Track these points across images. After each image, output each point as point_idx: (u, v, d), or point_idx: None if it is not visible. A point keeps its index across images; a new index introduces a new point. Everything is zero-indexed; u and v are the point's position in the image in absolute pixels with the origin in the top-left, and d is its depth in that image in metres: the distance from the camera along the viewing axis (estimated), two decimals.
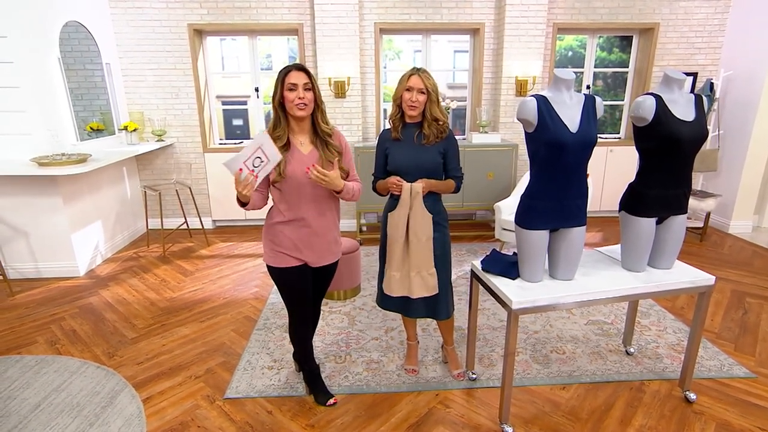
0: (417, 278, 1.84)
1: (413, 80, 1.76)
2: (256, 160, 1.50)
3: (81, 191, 3.38)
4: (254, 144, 1.49)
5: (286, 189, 1.63)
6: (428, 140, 1.81)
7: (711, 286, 1.77)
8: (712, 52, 4.30)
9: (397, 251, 1.84)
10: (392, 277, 1.86)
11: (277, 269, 1.74)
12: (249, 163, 1.49)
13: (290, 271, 1.74)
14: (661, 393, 1.98)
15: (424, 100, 1.77)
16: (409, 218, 1.80)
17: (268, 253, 1.75)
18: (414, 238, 1.81)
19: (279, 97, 1.59)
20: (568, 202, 1.66)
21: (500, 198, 3.83)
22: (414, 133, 1.84)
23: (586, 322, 2.59)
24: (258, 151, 1.49)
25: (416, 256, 1.82)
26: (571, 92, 1.63)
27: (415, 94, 1.76)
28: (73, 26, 3.45)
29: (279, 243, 1.72)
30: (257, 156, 1.49)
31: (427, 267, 1.84)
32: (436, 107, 1.79)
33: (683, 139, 1.64)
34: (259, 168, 1.52)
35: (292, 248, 1.72)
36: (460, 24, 4.13)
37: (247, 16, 4.02)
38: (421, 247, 1.82)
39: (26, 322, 2.66)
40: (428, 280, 1.85)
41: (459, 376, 2.08)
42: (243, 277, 3.29)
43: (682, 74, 1.70)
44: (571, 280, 1.73)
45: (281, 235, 1.71)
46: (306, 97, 1.58)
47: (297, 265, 1.74)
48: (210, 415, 1.86)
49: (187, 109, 4.21)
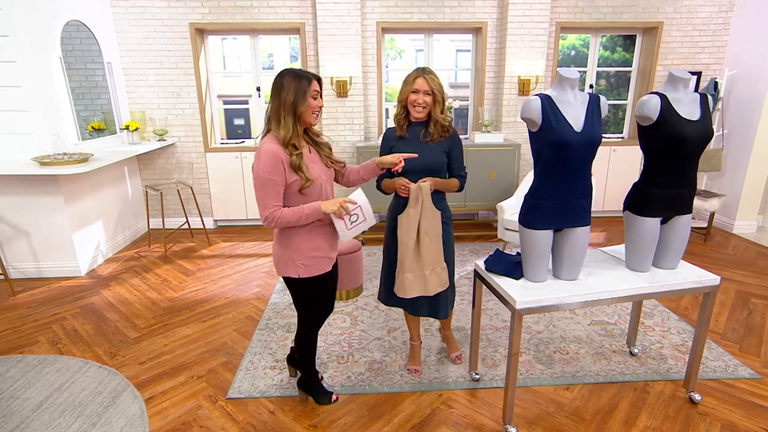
0: (432, 275, 1.85)
1: (419, 82, 1.76)
2: (354, 216, 1.60)
3: (82, 191, 3.38)
4: (355, 199, 1.60)
5: (311, 192, 1.59)
6: (433, 138, 1.83)
7: (716, 286, 1.76)
8: (717, 51, 4.28)
9: (409, 253, 1.83)
10: (405, 279, 1.84)
11: (317, 278, 1.66)
12: (347, 218, 1.61)
13: (328, 276, 1.71)
14: (665, 394, 1.97)
15: (430, 102, 1.79)
16: (420, 217, 1.80)
17: (306, 263, 1.62)
18: (425, 237, 1.82)
19: (306, 106, 1.52)
20: (573, 202, 1.65)
21: (503, 198, 3.82)
22: (419, 132, 1.85)
23: (590, 323, 2.58)
24: (357, 209, 1.60)
25: (429, 254, 1.83)
26: (575, 91, 1.62)
27: (421, 96, 1.77)
28: (74, 25, 3.44)
29: (318, 247, 1.64)
30: (355, 213, 1.60)
31: (440, 262, 1.86)
32: (439, 109, 1.81)
33: (688, 138, 1.63)
34: (354, 223, 1.62)
35: (329, 249, 1.68)
36: (463, 23, 4.12)
37: (248, 15, 4.01)
38: (433, 245, 1.83)
39: (28, 322, 2.66)
40: (441, 275, 1.87)
41: (456, 358, 2.14)
42: (245, 277, 3.28)
43: (688, 73, 1.68)
44: (575, 280, 1.72)
45: (319, 238, 1.64)
46: (322, 105, 1.61)
47: (332, 266, 1.73)
48: (212, 415, 1.86)
49: (189, 109, 4.21)
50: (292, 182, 1.53)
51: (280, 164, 1.50)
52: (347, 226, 1.62)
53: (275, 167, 1.49)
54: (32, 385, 2.03)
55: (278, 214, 1.51)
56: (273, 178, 1.49)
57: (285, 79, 1.51)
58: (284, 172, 1.51)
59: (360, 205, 1.59)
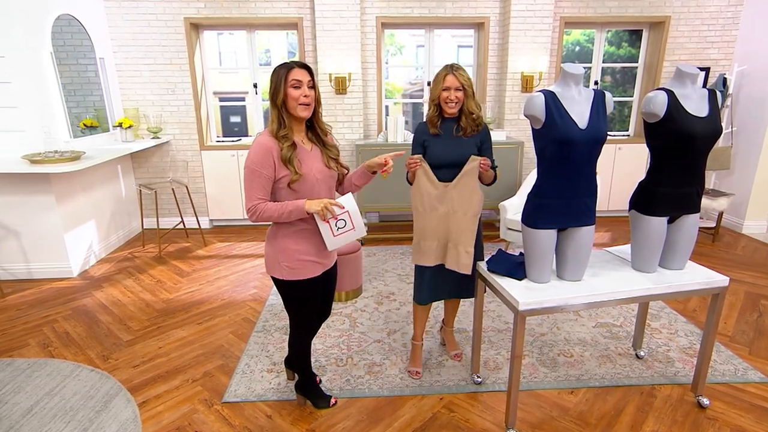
0: (453, 251, 1.85)
1: (449, 80, 1.82)
2: (340, 221, 1.55)
3: (74, 190, 3.33)
4: (343, 203, 1.54)
5: (301, 189, 1.55)
6: (465, 132, 1.87)
7: (725, 287, 1.73)
8: (726, 46, 4.21)
9: (431, 221, 1.86)
10: (428, 247, 1.88)
11: (303, 282, 1.62)
12: (333, 223, 1.55)
13: (315, 281, 1.66)
14: (672, 398, 1.95)
15: (462, 97, 1.84)
16: (457, 192, 1.82)
17: (291, 265, 1.59)
18: (460, 211, 1.83)
19: (283, 96, 1.51)
20: (577, 201, 1.63)
21: (505, 197, 3.77)
22: (452, 127, 1.89)
23: (595, 325, 2.54)
24: (345, 214, 1.54)
25: (458, 231, 1.83)
26: (580, 87, 1.61)
27: (453, 93, 1.82)
28: (65, 19, 3.40)
29: (305, 251, 1.60)
30: (342, 218, 1.55)
31: (466, 245, 1.84)
32: (472, 101, 1.86)
33: (696, 135, 1.60)
34: (342, 230, 1.56)
35: (316, 254, 1.63)
36: (464, 18, 4.07)
37: (245, 10, 3.96)
38: (466, 222, 1.83)
39: (17, 325, 2.62)
40: (464, 257, 1.84)
41: (456, 356, 2.17)
42: (241, 278, 3.24)
43: (696, 69, 1.66)
44: (580, 281, 1.71)
45: (305, 242, 1.60)
46: (310, 96, 1.53)
47: (322, 272, 1.68)
48: (208, 420, 1.84)
49: (184, 106, 4.16)
50: (282, 176, 1.52)
51: (270, 157, 1.49)
52: (333, 232, 1.56)
53: (264, 160, 1.49)
54: (22, 390, 2.00)
55: (261, 207, 1.51)
56: (260, 170, 1.49)
57: (274, 71, 1.54)
58: (274, 165, 1.50)
59: (348, 210, 1.54)
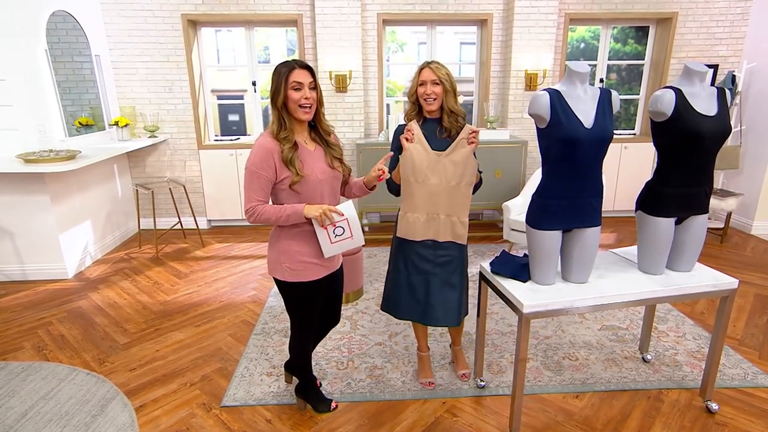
0: (447, 222, 1.80)
1: (425, 73, 1.75)
2: (339, 229, 1.53)
3: (69, 189, 3.30)
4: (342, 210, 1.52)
5: (304, 190, 1.53)
6: (449, 134, 1.79)
7: (734, 289, 1.71)
8: (735, 42, 4.16)
9: (421, 193, 1.77)
10: (417, 219, 1.80)
11: (304, 284, 1.60)
12: (331, 230, 1.53)
13: (319, 284, 1.63)
14: (680, 402, 1.92)
15: (440, 92, 1.75)
16: (450, 160, 1.74)
17: (293, 267, 1.58)
18: (453, 180, 1.75)
19: (283, 97, 1.48)
20: (582, 201, 1.62)
21: (509, 197, 3.74)
22: (435, 129, 1.81)
23: (600, 328, 2.52)
24: (344, 222, 1.52)
25: (451, 201, 1.77)
26: (585, 86, 1.59)
27: (429, 87, 1.74)
28: (60, 16, 3.36)
29: (307, 253, 1.58)
30: (341, 225, 1.53)
31: (460, 215, 1.80)
32: (451, 98, 1.76)
33: (705, 134, 1.58)
34: (339, 237, 1.54)
35: (319, 256, 1.60)
36: (467, 15, 4.03)
37: (243, 6, 3.92)
38: (459, 192, 1.77)
39: (12, 327, 2.60)
40: (458, 227, 1.80)
41: (464, 376, 2.07)
42: (240, 280, 3.21)
43: (704, 66, 1.63)
44: (585, 283, 1.69)
45: (308, 243, 1.58)
46: (311, 98, 1.50)
47: (325, 275, 1.65)
48: (206, 424, 1.82)
49: (181, 104, 4.12)
50: (284, 178, 1.50)
51: (271, 159, 1.48)
52: (330, 239, 1.54)
53: (264, 161, 1.48)
54: (16, 394, 1.99)
55: (259, 209, 1.50)
56: (260, 172, 1.48)
57: (275, 70, 1.51)
58: (275, 167, 1.49)
59: (347, 218, 1.53)
